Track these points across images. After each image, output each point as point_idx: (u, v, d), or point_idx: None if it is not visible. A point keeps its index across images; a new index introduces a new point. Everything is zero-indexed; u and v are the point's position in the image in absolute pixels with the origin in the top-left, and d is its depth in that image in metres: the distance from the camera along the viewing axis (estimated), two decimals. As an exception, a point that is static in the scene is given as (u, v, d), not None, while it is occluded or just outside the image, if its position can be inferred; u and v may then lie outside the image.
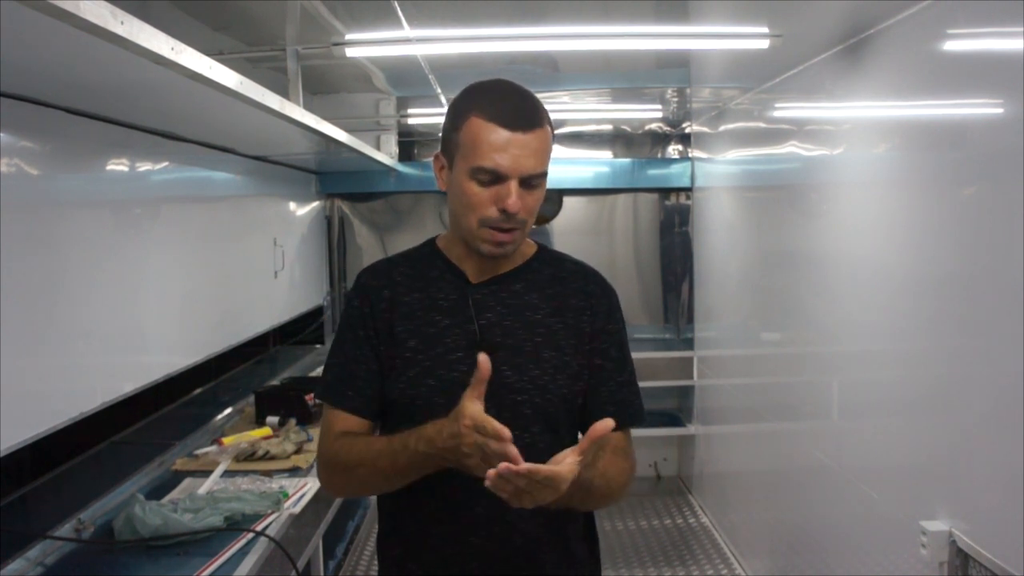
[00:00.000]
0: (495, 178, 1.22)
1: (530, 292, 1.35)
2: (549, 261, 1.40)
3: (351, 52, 2.69)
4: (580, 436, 1.41)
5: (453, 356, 1.30)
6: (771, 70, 2.84)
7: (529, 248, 1.40)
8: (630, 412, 1.36)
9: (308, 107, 2.58)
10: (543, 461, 1.30)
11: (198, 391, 3.14)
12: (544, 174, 1.25)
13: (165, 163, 2.62)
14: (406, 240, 1.90)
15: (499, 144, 1.20)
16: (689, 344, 4.50)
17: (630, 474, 1.33)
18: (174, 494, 2.18)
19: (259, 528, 1.91)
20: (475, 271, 1.35)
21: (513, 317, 1.33)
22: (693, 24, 3.42)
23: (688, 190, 4.63)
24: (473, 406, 1.10)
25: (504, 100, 1.25)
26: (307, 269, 4.42)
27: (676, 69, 4.09)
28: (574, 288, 1.37)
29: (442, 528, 1.30)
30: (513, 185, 1.21)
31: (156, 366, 2.48)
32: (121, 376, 2.26)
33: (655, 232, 4.85)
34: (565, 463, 1.09)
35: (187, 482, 2.30)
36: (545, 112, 1.26)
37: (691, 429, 4.41)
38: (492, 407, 1.28)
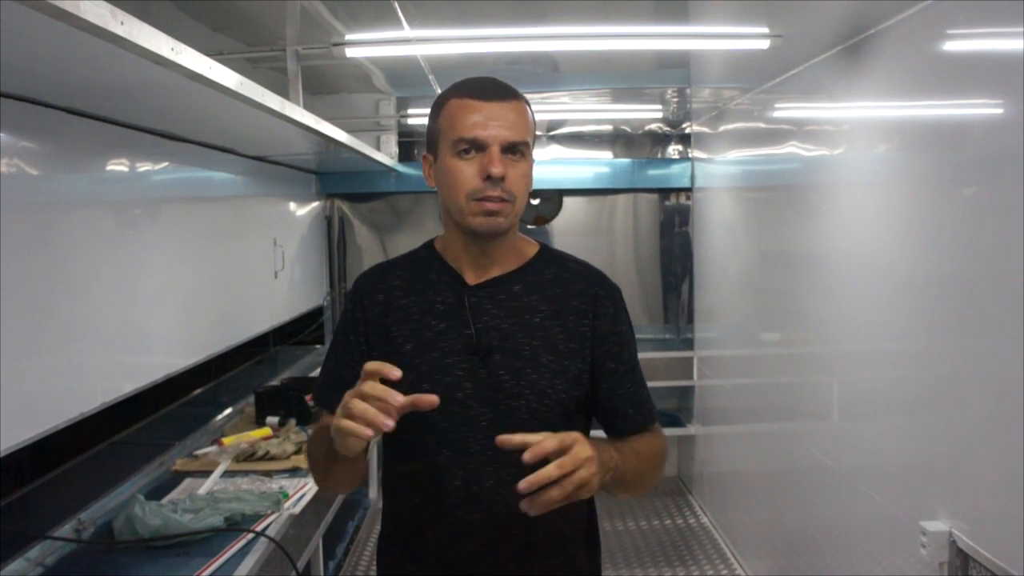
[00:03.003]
0: (476, 147, 1.24)
1: (530, 294, 1.33)
2: (551, 261, 1.38)
3: (351, 52, 2.69)
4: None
5: (449, 360, 1.29)
6: (771, 70, 2.84)
7: (531, 248, 1.39)
8: (647, 410, 1.38)
9: (308, 107, 2.57)
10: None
11: (198, 391, 3.14)
12: (526, 144, 1.26)
13: (165, 163, 2.62)
14: (406, 240, 1.90)
15: (476, 115, 1.24)
16: (689, 344, 4.50)
17: (661, 455, 1.37)
18: (174, 494, 2.18)
19: (259, 528, 1.91)
20: (473, 272, 1.33)
21: (511, 320, 1.31)
22: (693, 24, 3.42)
23: (688, 190, 4.63)
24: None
25: (474, 80, 1.29)
26: (307, 269, 4.42)
27: (676, 69, 4.09)
28: (576, 290, 1.35)
29: (439, 533, 1.30)
30: (494, 151, 1.23)
31: (156, 366, 2.48)
32: (121, 376, 2.26)
33: (655, 232, 4.85)
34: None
35: (187, 482, 2.30)
36: (520, 94, 1.30)
37: (691, 429, 4.41)
38: (489, 411, 1.29)
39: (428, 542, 1.29)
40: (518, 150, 1.25)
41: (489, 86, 1.27)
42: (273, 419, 2.76)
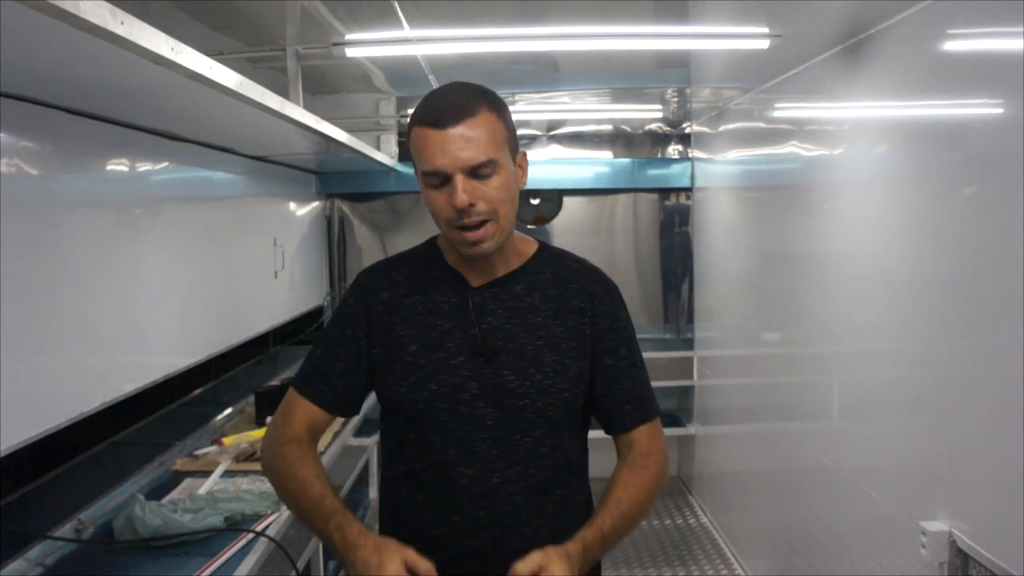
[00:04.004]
0: (441, 178, 1.23)
1: (532, 294, 1.35)
2: (550, 260, 1.40)
3: (351, 52, 2.69)
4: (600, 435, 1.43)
5: (454, 361, 1.31)
6: (771, 70, 2.84)
7: (529, 247, 1.40)
8: (647, 407, 1.38)
9: (308, 107, 2.57)
10: (545, 464, 1.31)
11: (198, 391, 3.14)
12: (490, 161, 1.23)
13: (165, 163, 2.62)
14: (406, 240, 1.90)
15: (433, 145, 1.22)
16: (689, 344, 4.50)
17: (655, 481, 1.34)
18: (174, 494, 2.18)
19: (259, 528, 1.90)
20: (475, 273, 1.35)
21: (515, 320, 1.33)
22: (693, 24, 3.43)
23: (688, 190, 4.63)
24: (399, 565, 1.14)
25: (432, 102, 1.26)
26: (307, 269, 4.41)
27: (676, 69, 4.09)
28: (575, 288, 1.37)
29: (442, 530, 1.30)
30: (458, 180, 1.21)
31: (156, 366, 2.48)
32: (121, 376, 2.26)
33: (655, 232, 4.85)
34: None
35: (187, 482, 2.29)
36: (483, 101, 1.25)
37: (691, 429, 4.41)
38: (495, 411, 1.30)
39: (433, 540, 1.29)
40: (485, 169, 1.23)
41: (444, 110, 1.23)
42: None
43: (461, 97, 1.25)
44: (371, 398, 1.41)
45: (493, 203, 1.24)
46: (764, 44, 2.72)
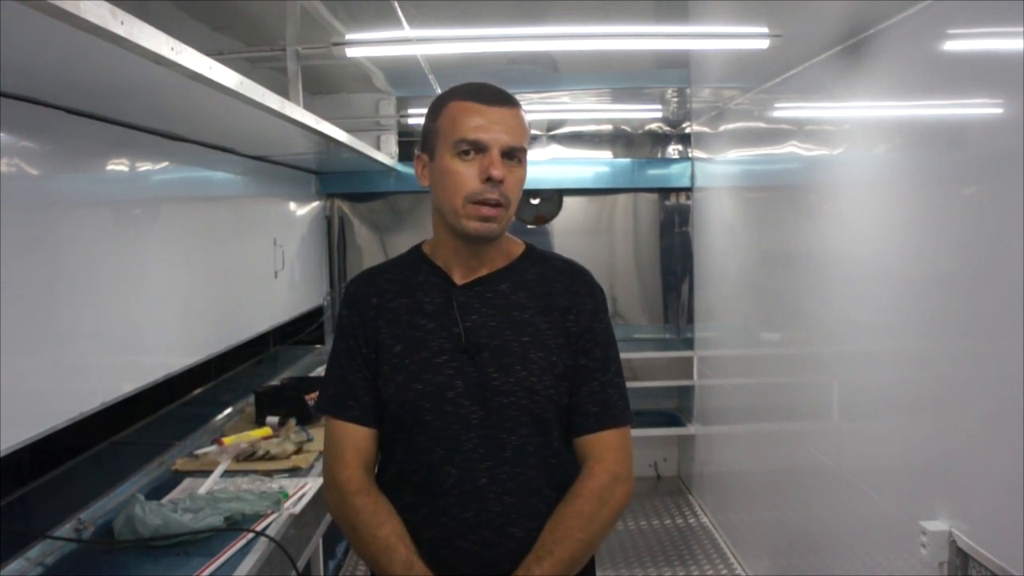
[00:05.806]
0: (477, 149, 1.26)
1: (517, 292, 1.35)
2: (537, 260, 1.40)
3: (351, 52, 2.69)
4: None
5: (439, 359, 1.30)
6: (771, 70, 2.84)
7: (516, 248, 1.40)
8: (612, 413, 1.35)
9: (308, 107, 2.57)
10: (535, 464, 1.31)
11: (198, 391, 3.14)
12: (523, 150, 1.29)
13: (165, 163, 2.62)
14: (406, 240, 1.91)
15: (478, 118, 1.26)
16: (689, 344, 4.50)
17: (588, 512, 1.29)
18: (174, 494, 2.18)
19: (259, 528, 1.90)
20: (460, 273, 1.35)
21: (499, 317, 1.33)
22: (693, 24, 3.42)
23: (688, 190, 4.63)
24: None
25: (475, 85, 1.31)
26: (307, 269, 4.41)
27: (676, 69, 4.09)
28: (561, 288, 1.37)
29: (432, 532, 1.30)
30: (495, 154, 1.25)
31: (156, 366, 2.48)
32: (121, 376, 2.26)
33: (655, 232, 4.85)
34: None
35: (187, 482, 2.29)
36: (519, 104, 1.32)
37: (691, 429, 4.41)
38: (480, 409, 1.29)
39: (423, 542, 1.29)
40: (516, 156, 1.27)
41: (491, 91, 1.29)
42: (273, 419, 2.76)
43: (503, 91, 1.31)
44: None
45: (513, 191, 1.28)
46: (764, 44, 2.72)
